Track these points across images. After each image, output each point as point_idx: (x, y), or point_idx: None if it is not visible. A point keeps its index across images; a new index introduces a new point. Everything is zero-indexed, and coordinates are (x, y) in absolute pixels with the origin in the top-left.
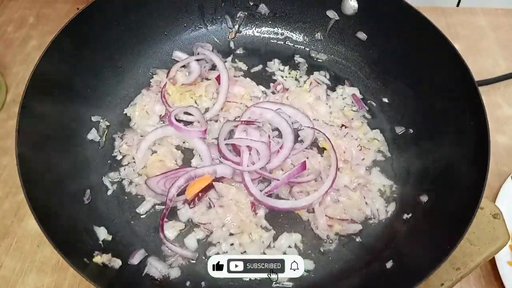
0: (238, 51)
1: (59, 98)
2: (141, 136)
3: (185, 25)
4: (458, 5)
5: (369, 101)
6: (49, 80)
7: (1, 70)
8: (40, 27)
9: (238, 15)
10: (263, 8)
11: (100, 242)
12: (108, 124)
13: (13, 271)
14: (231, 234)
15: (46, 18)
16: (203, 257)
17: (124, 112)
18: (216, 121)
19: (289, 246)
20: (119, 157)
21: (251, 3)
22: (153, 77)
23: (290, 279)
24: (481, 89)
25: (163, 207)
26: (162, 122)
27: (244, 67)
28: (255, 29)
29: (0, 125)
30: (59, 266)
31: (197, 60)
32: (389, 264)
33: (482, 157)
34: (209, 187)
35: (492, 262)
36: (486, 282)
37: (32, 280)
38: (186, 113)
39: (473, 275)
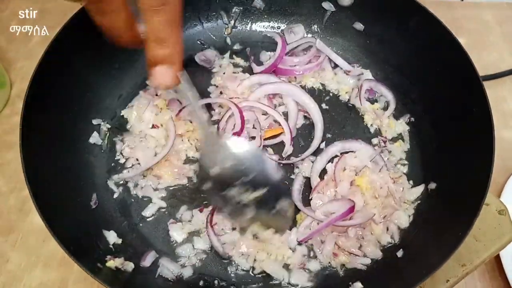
0: (235, 47)
1: (59, 103)
2: (140, 138)
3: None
4: None
5: None
6: (48, 87)
7: (5, 65)
8: (43, 22)
9: (233, 10)
10: (258, 2)
11: (111, 246)
12: (109, 126)
13: (19, 266)
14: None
15: (49, 13)
16: (216, 256)
17: (121, 114)
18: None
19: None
20: (122, 160)
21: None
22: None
23: None
24: (487, 84)
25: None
26: (156, 127)
27: (242, 63)
28: (251, 24)
29: (5, 121)
30: (65, 260)
31: None
32: (400, 253)
33: (487, 151)
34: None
35: (497, 258)
36: (490, 277)
37: (38, 274)
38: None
39: (477, 270)
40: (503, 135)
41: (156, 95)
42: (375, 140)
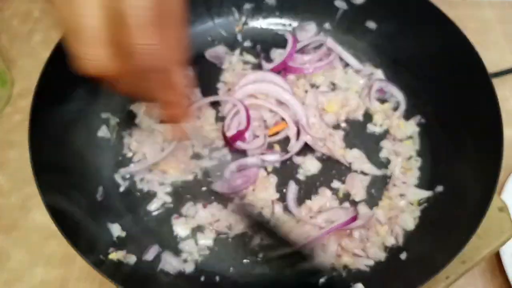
0: (245, 44)
1: (67, 96)
2: (148, 132)
3: (191, 19)
4: None
5: None
6: (57, 80)
7: (7, 64)
8: (45, 21)
9: (245, 7)
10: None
11: (115, 239)
12: (118, 120)
13: (21, 263)
14: None
15: (51, 12)
16: (218, 252)
17: (130, 109)
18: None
19: None
20: (129, 154)
21: None
22: None
23: None
24: None
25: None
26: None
27: (252, 60)
28: (262, 20)
29: (7, 119)
30: (67, 258)
31: None
32: (403, 256)
33: (495, 148)
34: None
35: (497, 256)
36: (491, 276)
37: (40, 272)
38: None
39: (478, 268)
40: (505, 133)
41: None
42: (383, 143)
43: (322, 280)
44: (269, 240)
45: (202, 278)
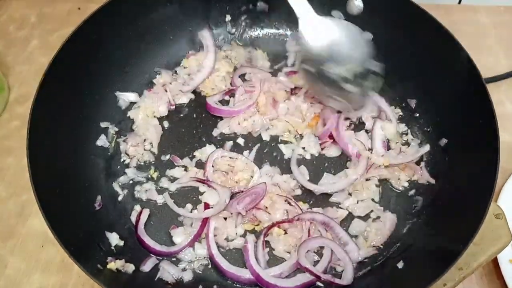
0: None
1: (67, 105)
2: (145, 140)
3: (190, 29)
4: (460, 2)
5: None
6: (57, 89)
7: (4, 70)
8: (41, 26)
9: (242, 18)
10: (261, 5)
11: (113, 247)
12: (117, 129)
13: (18, 271)
14: None
15: (47, 17)
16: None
17: (128, 115)
18: None
19: None
20: (127, 161)
21: (251, 6)
22: (156, 77)
23: None
24: None
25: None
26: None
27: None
28: (260, 30)
29: (3, 126)
30: (64, 265)
31: None
32: (400, 265)
33: (491, 153)
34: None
35: (494, 261)
36: (488, 281)
37: (37, 279)
38: None
39: (475, 273)
40: (500, 138)
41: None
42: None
43: None
44: None
45: (200, 287)
